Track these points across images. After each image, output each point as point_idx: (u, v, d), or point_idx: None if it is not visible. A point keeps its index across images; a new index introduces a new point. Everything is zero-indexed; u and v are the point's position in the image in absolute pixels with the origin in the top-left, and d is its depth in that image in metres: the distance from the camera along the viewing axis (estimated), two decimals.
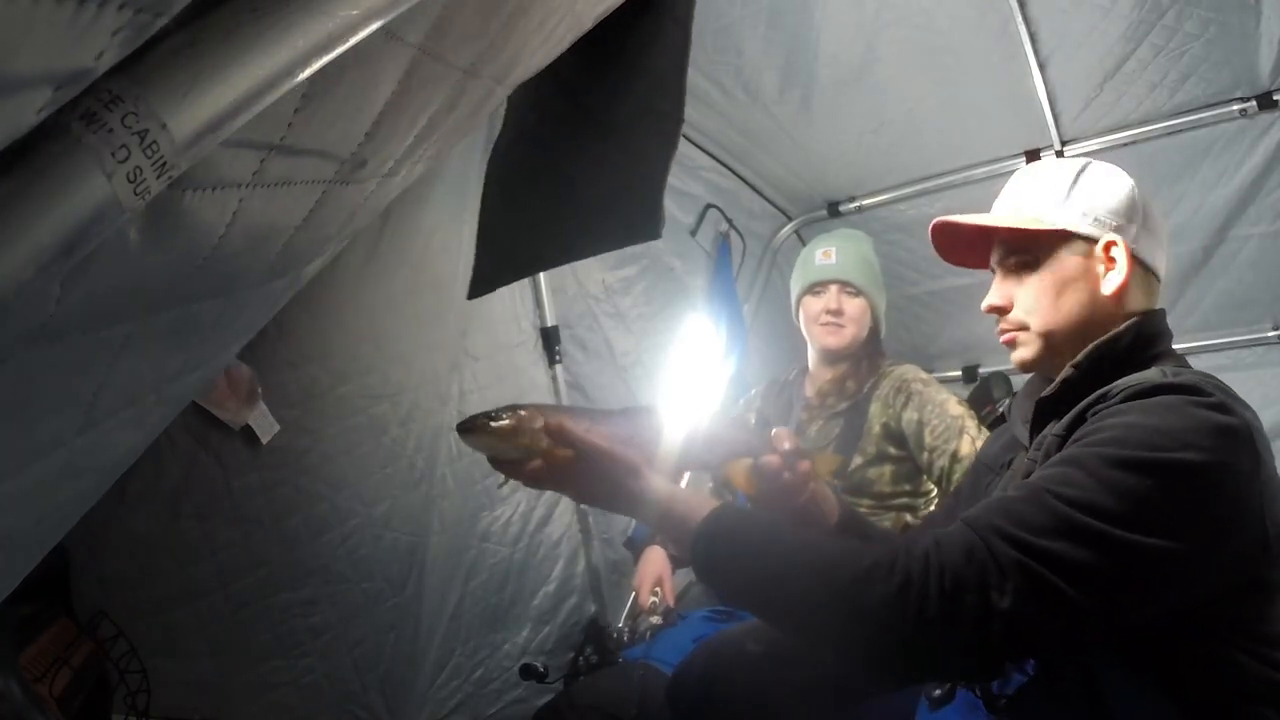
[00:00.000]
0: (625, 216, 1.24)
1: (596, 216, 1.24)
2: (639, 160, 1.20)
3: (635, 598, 2.03)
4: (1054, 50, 1.90)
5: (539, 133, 1.18)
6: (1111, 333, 1.07)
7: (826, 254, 2.08)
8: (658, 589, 1.97)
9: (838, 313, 2.02)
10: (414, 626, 1.87)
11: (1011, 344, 1.16)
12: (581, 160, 1.19)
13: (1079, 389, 1.03)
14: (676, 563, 2.06)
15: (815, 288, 2.06)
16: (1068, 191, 1.12)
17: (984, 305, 1.17)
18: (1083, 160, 1.16)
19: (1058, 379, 1.08)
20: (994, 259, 1.17)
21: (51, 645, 1.23)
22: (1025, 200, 1.14)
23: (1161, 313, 1.12)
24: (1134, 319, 1.08)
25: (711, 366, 2.57)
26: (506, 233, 1.29)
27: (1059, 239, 1.10)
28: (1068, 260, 1.10)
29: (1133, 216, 1.11)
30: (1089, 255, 1.10)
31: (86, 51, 0.37)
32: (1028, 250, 1.12)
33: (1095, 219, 1.10)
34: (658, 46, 1.13)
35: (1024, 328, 1.13)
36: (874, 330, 2.08)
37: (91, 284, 0.44)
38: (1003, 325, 1.16)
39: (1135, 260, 1.09)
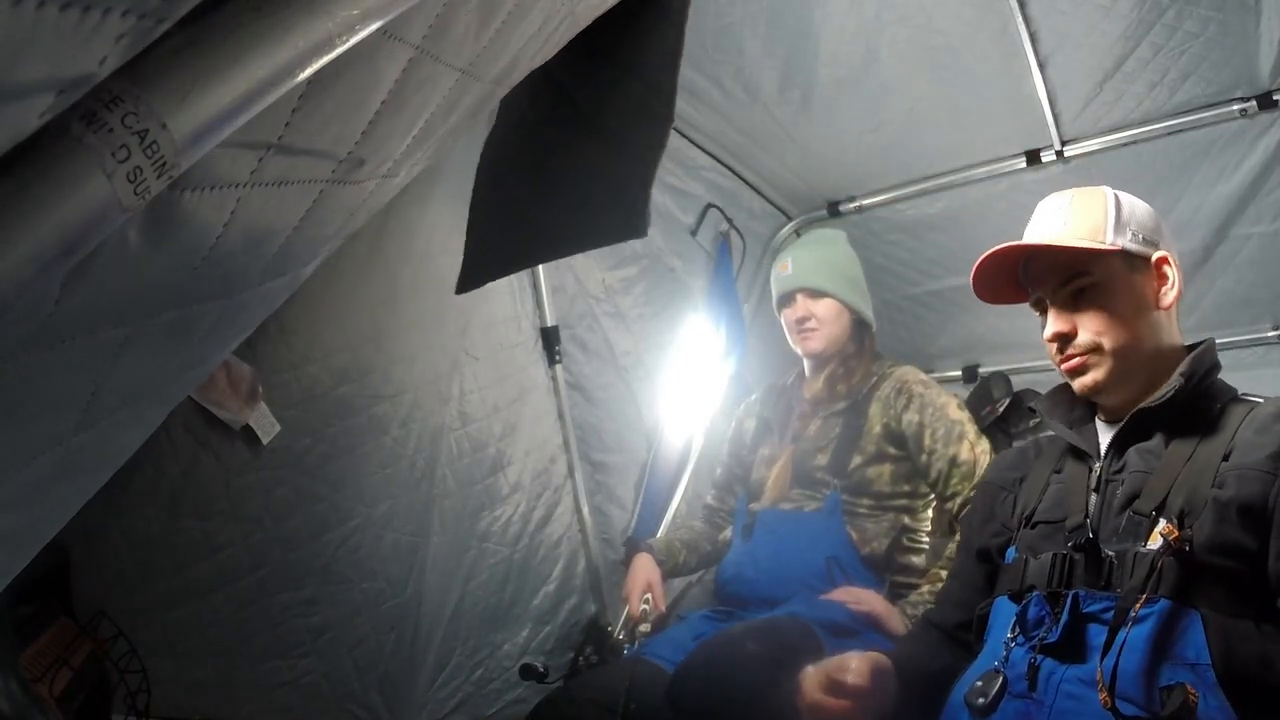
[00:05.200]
0: (613, 214, 1.24)
1: (584, 214, 1.24)
2: (629, 159, 1.21)
3: (626, 609, 2.02)
4: (1054, 50, 1.90)
5: (530, 129, 1.18)
6: (1201, 343, 1.17)
7: (784, 266, 2.13)
8: (648, 596, 1.97)
9: (805, 319, 2.06)
10: (414, 626, 1.87)
11: (1079, 369, 1.16)
12: (572, 158, 1.19)
13: (1179, 398, 1.09)
14: (665, 569, 2.06)
15: (783, 301, 2.13)
16: (1114, 214, 1.16)
17: (1048, 334, 1.17)
18: (1104, 188, 1.20)
19: (1166, 389, 1.10)
20: (1047, 288, 1.18)
21: (51, 645, 1.23)
22: (1070, 228, 1.17)
23: None
24: (1196, 344, 1.18)
25: (711, 366, 2.57)
26: (495, 228, 1.29)
27: (1118, 259, 1.15)
28: (1130, 279, 1.15)
29: (1162, 232, 1.20)
30: (1143, 272, 1.16)
31: (90, 58, 0.37)
32: (1088, 273, 1.14)
33: (1144, 238, 1.17)
34: (652, 46, 1.13)
35: (1095, 350, 1.14)
36: (857, 323, 2.09)
37: (91, 285, 0.44)
38: (1070, 351, 1.16)
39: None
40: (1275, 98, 1.87)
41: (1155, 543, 0.98)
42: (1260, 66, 1.83)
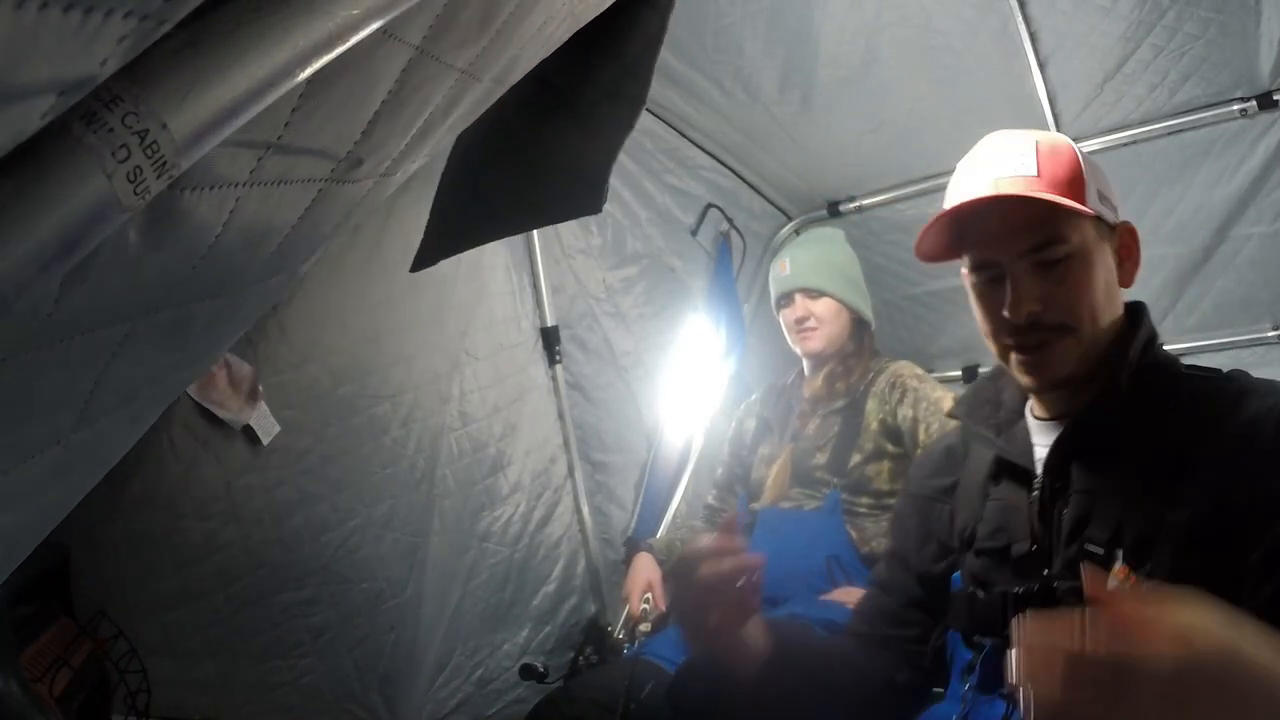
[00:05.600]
0: (573, 191, 1.24)
1: (546, 190, 1.24)
2: (597, 138, 1.20)
3: (626, 609, 2.03)
4: (1054, 50, 1.90)
5: (505, 111, 1.18)
6: (1144, 330, 0.96)
7: (783, 266, 2.14)
8: (648, 596, 1.98)
9: (804, 319, 2.06)
10: (414, 626, 1.87)
11: (1041, 361, 0.96)
12: (541, 138, 1.18)
13: (1125, 397, 0.92)
14: (666, 569, 2.06)
15: (781, 301, 2.13)
16: (1088, 169, 0.95)
17: (1013, 312, 0.94)
18: (1063, 135, 1.02)
19: (1109, 391, 0.94)
20: (1008, 251, 0.95)
21: (51, 645, 1.23)
22: (1041, 179, 0.93)
23: None
24: (1127, 309, 0.99)
25: (711, 366, 2.57)
26: (456, 206, 1.29)
27: (1091, 225, 0.94)
28: (1102, 249, 0.95)
29: (1114, 197, 1.00)
30: (1110, 241, 0.97)
31: (92, 59, 0.37)
32: (1064, 240, 0.92)
33: (1111, 203, 0.97)
34: (634, 34, 1.13)
35: (1065, 331, 0.94)
36: (856, 323, 2.10)
37: (90, 284, 0.44)
38: (1033, 333, 0.95)
39: None
40: (1275, 98, 1.87)
41: (1113, 582, 0.86)
42: (1260, 67, 1.83)
